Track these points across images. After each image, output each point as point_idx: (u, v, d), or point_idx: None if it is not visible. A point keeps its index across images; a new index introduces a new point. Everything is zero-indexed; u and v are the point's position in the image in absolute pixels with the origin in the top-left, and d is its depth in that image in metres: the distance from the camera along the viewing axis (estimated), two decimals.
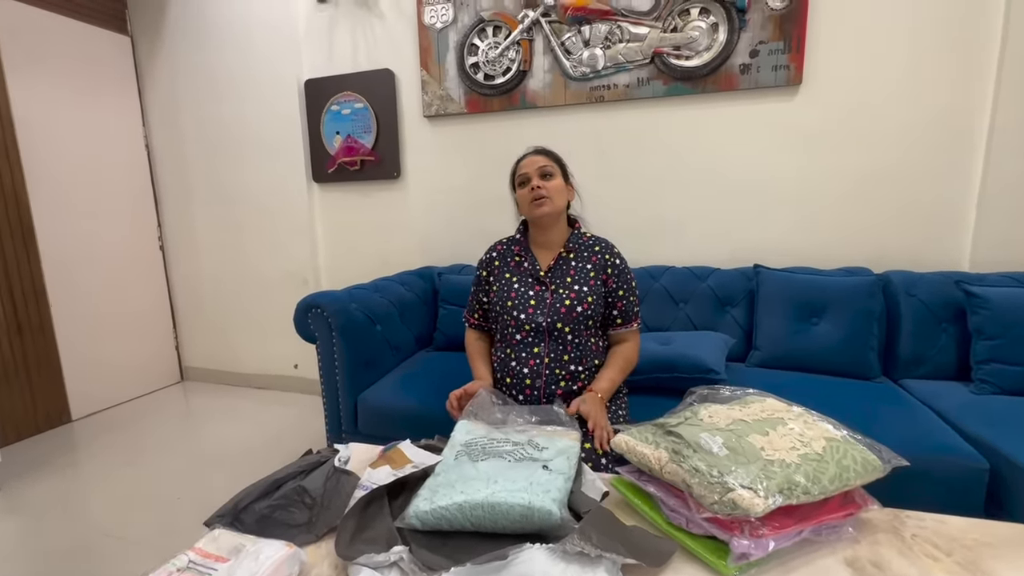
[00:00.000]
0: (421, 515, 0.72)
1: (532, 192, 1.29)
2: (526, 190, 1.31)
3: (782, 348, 1.73)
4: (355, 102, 2.49)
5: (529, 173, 1.31)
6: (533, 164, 1.32)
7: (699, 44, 1.97)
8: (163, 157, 2.95)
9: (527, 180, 1.31)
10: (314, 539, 0.76)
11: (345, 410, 1.67)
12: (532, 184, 1.29)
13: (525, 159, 1.35)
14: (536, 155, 1.35)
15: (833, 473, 0.71)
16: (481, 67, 2.26)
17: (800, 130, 1.96)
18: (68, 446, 2.31)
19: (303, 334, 1.71)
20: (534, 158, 1.34)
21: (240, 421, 2.52)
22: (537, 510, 0.70)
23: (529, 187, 1.30)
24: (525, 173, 1.32)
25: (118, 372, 2.78)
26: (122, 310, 2.81)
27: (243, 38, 2.64)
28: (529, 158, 1.35)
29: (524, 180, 1.32)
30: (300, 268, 2.74)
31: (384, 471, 0.87)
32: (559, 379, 1.26)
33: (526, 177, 1.31)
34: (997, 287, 1.56)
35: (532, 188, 1.29)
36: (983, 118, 1.80)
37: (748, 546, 0.66)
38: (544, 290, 1.30)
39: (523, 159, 1.36)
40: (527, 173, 1.31)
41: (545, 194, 1.28)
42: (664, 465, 0.76)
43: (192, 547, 0.70)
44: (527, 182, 1.31)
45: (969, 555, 0.70)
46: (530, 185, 1.29)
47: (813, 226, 2.01)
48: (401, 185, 2.53)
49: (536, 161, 1.33)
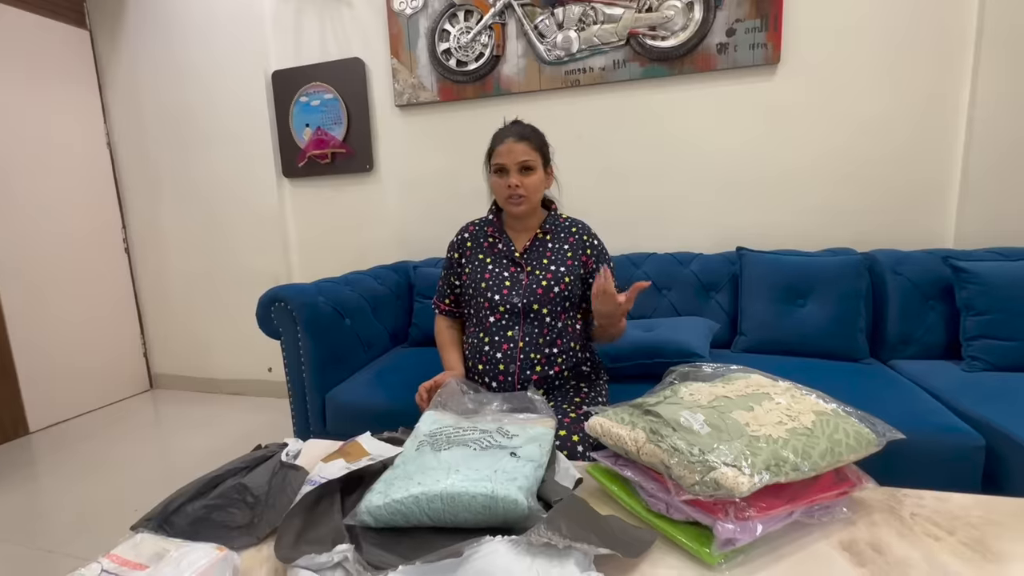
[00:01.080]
0: (374, 510, 0.64)
1: (509, 189, 1.20)
2: (503, 183, 1.21)
3: (768, 332, 1.68)
4: (324, 93, 2.41)
5: (507, 164, 1.19)
6: (513, 154, 1.19)
7: (675, 24, 1.93)
8: (126, 154, 2.83)
9: (504, 171, 1.21)
10: (255, 541, 0.68)
11: (313, 409, 1.58)
12: (510, 181, 1.19)
13: (505, 143, 1.20)
14: (518, 142, 1.20)
15: (824, 448, 0.65)
16: (453, 53, 2.19)
17: (780, 110, 1.92)
18: (25, 460, 2.18)
19: (266, 330, 1.62)
20: (515, 146, 1.19)
21: (211, 429, 2.41)
22: (501, 500, 0.62)
23: (506, 182, 1.20)
24: (503, 163, 1.20)
25: (80, 380, 2.65)
26: (84, 314, 2.68)
27: (207, 29, 2.54)
28: (509, 144, 1.20)
29: (501, 169, 1.21)
30: (272, 266, 2.64)
31: (337, 464, 0.78)
32: (534, 363, 1.18)
33: (503, 168, 1.20)
34: (985, 261, 1.52)
35: (509, 185, 1.19)
36: (963, 93, 1.77)
37: (734, 531, 0.59)
38: (520, 271, 1.24)
39: (503, 141, 1.21)
40: (505, 164, 1.20)
41: (523, 193, 1.20)
42: (641, 447, 0.69)
43: (107, 553, 0.61)
44: (504, 173, 1.21)
45: (974, 533, 0.64)
46: (507, 181, 1.20)
47: (796, 208, 1.97)
48: (374, 178, 2.45)
49: (517, 151, 1.19)
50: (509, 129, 1.24)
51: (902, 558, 0.60)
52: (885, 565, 0.59)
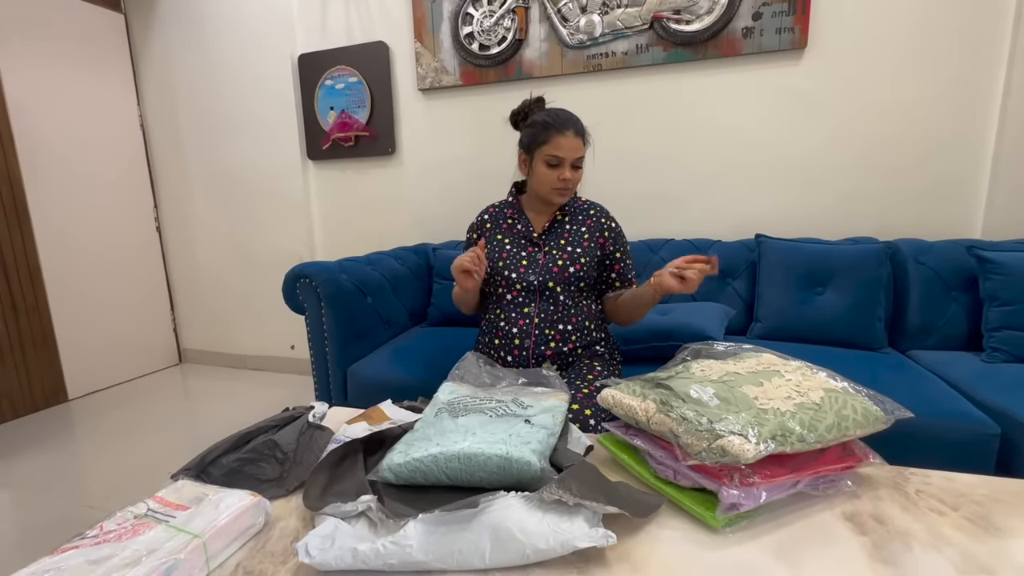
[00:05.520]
0: (395, 468, 0.69)
1: (561, 181, 1.21)
2: (554, 174, 1.21)
3: (784, 319, 1.68)
4: (349, 76, 2.44)
5: (565, 159, 1.20)
6: (572, 149, 1.19)
7: (700, 7, 1.90)
8: (158, 136, 2.92)
9: (559, 164, 1.20)
10: (284, 493, 0.73)
11: (335, 382, 1.64)
12: (563, 174, 1.20)
13: (565, 136, 1.19)
14: (577, 137, 1.20)
15: (831, 422, 0.67)
16: (476, 37, 2.20)
17: (805, 96, 1.89)
18: (64, 424, 2.30)
19: (292, 305, 1.67)
20: (575, 142, 1.20)
21: (236, 401, 2.51)
22: (515, 461, 0.65)
23: (558, 174, 1.21)
24: (561, 156, 1.20)
25: (115, 353, 2.77)
26: (119, 291, 2.80)
27: (236, 13, 2.59)
28: (569, 140, 1.19)
29: (556, 163, 1.20)
30: (297, 247, 2.71)
31: (360, 426, 0.83)
32: (548, 340, 1.21)
33: (559, 161, 1.20)
34: (1011, 252, 1.49)
35: (562, 178, 1.21)
36: (997, 81, 1.72)
37: (738, 496, 0.61)
38: (537, 251, 1.26)
39: (563, 133, 1.19)
40: (563, 158, 1.20)
41: (572, 187, 1.23)
42: (651, 416, 0.71)
43: (153, 496, 0.66)
44: (559, 165, 1.21)
45: (979, 510, 0.65)
46: (560, 173, 1.20)
47: (818, 196, 1.94)
48: (396, 161, 2.48)
49: (576, 147, 1.20)
50: (568, 119, 1.22)
51: (904, 529, 0.62)
52: (886, 535, 0.61)
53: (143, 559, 0.53)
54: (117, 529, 0.59)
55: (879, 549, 0.58)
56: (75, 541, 0.57)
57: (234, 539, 0.61)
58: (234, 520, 0.61)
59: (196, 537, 0.57)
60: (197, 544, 0.56)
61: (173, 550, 0.54)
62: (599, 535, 0.57)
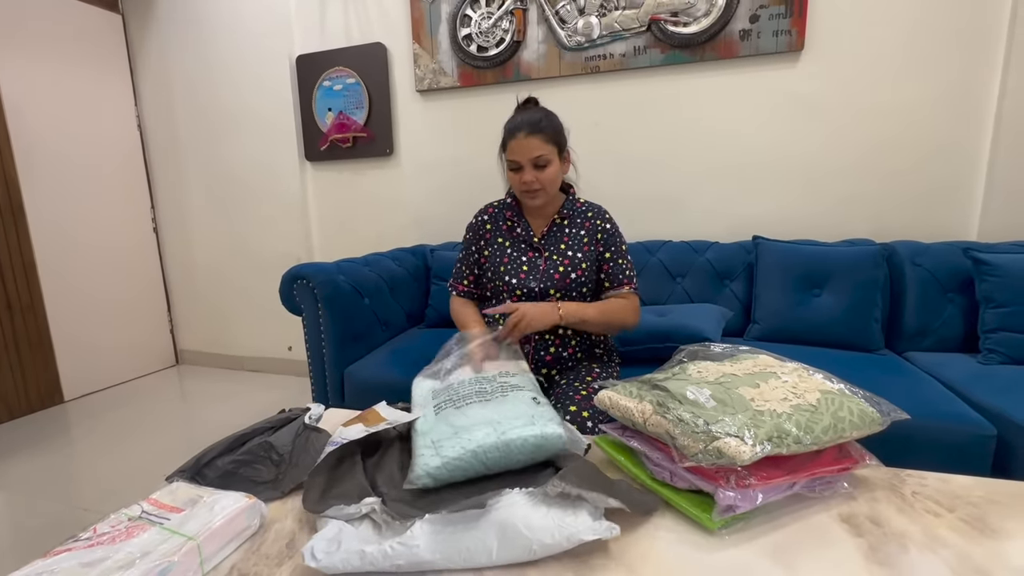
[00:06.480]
0: (433, 471, 0.68)
1: (523, 184, 1.18)
2: (516, 178, 1.19)
3: (781, 321, 1.68)
4: (347, 77, 2.44)
5: (520, 162, 1.16)
6: (525, 151, 1.15)
7: (697, 9, 1.91)
8: (155, 137, 2.91)
9: (519, 167, 1.17)
10: (280, 496, 0.73)
11: (332, 383, 1.64)
12: (524, 177, 1.17)
13: (516, 139, 1.16)
14: (531, 135, 1.14)
15: (827, 423, 0.67)
16: (474, 39, 2.20)
17: (802, 98, 1.90)
18: (60, 426, 2.29)
19: (289, 306, 1.67)
20: (527, 142, 1.14)
21: (233, 402, 2.50)
22: (549, 436, 0.70)
23: (521, 177, 1.18)
24: (516, 160, 1.17)
25: (112, 354, 2.76)
26: (116, 291, 2.79)
27: (234, 13, 2.59)
28: (521, 141, 1.15)
29: (515, 167, 1.18)
30: (294, 248, 2.70)
31: (357, 428, 0.82)
32: (548, 344, 1.22)
33: (518, 165, 1.17)
34: (1007, 254, 1.50)
35: (522, 180, 1.18)
36: (993, 84, 1.73)
37: (734, 497, 0.61)
38: (537, 256, 1.25)
39: (514, 136, 1.16)
40: (518, 161, 1.17)
41: (538, 187, 1.18)
42: (648, 418, 0.71)
43: (147, 498, 0.66)
44: (519, 169, 1.18)
45: (975, 511, 0.66)
46: (521, 177, 1.17)
47: (815, 198, 1.95)
48: (394, 162, 2.48)
49: (530, 148, 1.14)
50: (522, 120, 1.17)
51: (900, 531, 0.62)
52: (883, 536, 0.61)
53: (137, 562, 0.52)
54: (111, 531, 0.59)
55: (875, 551, 0.58)
56: (68, 543, 0.57)
57: (229, 541, 0.61)
58: (229, 522, 0.61)
59: (190, 539, 0.56)
60: (191, 547, 0.56)
61: (167, 553, 0.54)
62: (603, 527, 0.57)
